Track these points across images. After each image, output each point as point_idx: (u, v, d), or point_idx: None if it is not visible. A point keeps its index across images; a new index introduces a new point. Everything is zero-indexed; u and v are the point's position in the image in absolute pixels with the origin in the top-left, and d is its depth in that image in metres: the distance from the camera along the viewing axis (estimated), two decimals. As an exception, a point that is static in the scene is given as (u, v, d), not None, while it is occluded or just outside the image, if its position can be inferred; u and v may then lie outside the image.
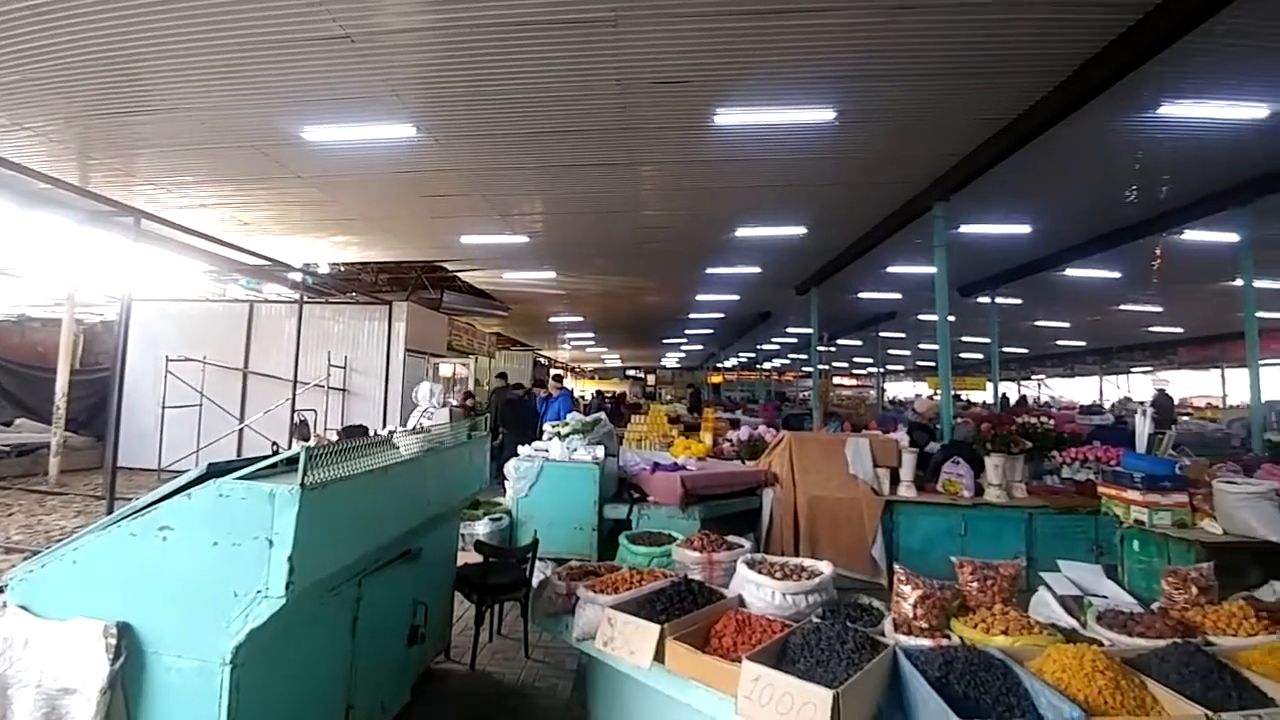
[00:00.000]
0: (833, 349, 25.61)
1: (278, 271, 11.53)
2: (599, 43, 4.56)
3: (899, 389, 34.70)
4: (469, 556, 3.80)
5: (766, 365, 32.08)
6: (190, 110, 5.68)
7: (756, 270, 12.05)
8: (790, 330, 22.10)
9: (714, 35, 4.48)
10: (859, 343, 23.59)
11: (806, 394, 21.83)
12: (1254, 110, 5.35)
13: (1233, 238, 7.76)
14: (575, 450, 5.53)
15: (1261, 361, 7.59)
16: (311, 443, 5.46)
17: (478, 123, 5.90)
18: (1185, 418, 13.23)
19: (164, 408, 9.98)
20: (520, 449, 5.82)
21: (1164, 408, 12.43)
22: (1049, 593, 2.63)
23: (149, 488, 3.22)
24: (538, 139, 6.26)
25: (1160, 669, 1.82)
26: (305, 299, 10.58)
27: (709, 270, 12.26)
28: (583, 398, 26.75)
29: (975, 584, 2.31)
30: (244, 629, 1.83)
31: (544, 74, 5.02)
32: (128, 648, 1.88)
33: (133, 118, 5.86)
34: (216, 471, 2.19)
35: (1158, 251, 9.44)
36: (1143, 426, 4.55)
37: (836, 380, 34.01)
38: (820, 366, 17.04)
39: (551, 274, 12.78)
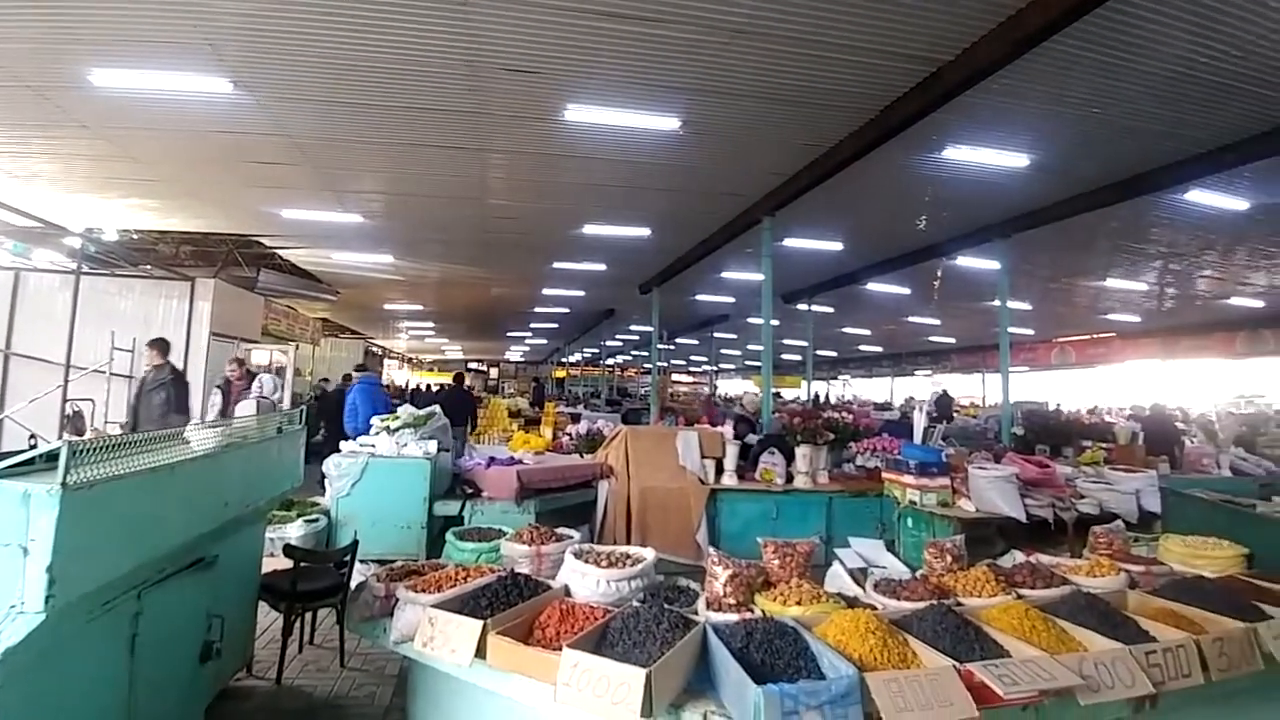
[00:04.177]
0: (672, 347, 26.83)
1: (52, 235, 9.64)
2: (448, 20, 4.38)
3: (730, 386, 37.03)
4: (279, 562, 3.49)
5: (610, 361, 32.72)
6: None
7: (602, 268, 12.26)
8: (633, 328, 22.77)
9: (565, 30, 4.50)
10: (696, 342, 24.96)
11: (646, 390, 22.59)
12: (1017, 159, 6.44)
13: (995, 265, 9.26)
14: (405, 445, 5.27)
15: (1011, 369, 9.17)
16: (89, 436, 4.68)
17: (309, 86, 5.38)
18: (956, 415, 15.55)
19: (-98, 391, 7.97)
20: (343, 444, 5.43)
21: (945, 406, 14.55)
22: (841, 566, 2.99)
23: None
24: (378, 113, 5.87)
25: (919, 627, 2.11)
26: (85, 269, 8.93)
27: (556, 264, 12.26)
28: (406, 385, 25.12)
29: (777, 561, 2.56)
30: (-5, 650, 1.58)
31: (387, 44, 4.71)
32: None
33: None
34: (-42, 468, 1.83)
35: (938, 273, 11.05)
36: (919, 421, 5.31)
37: (675, 377, 35.56)
38: (659, 364, 17.73)
39: (389, 258, 12.03)
